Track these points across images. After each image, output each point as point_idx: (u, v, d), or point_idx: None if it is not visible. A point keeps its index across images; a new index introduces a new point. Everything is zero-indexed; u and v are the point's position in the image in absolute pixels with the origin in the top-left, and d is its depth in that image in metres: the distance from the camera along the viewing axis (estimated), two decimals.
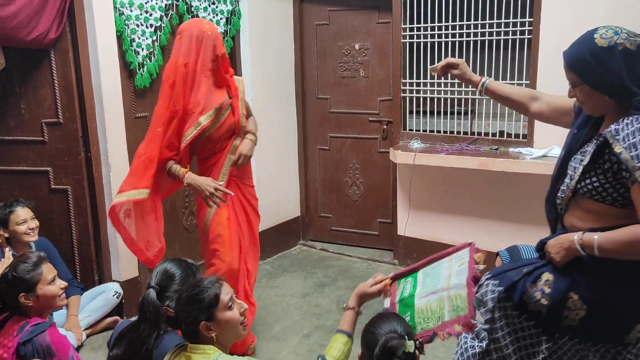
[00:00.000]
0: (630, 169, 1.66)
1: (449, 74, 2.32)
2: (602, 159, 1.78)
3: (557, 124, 2.23)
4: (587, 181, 1.82)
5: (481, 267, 1.87)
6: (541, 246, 2.05)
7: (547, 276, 1.92)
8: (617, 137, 1.70)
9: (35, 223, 3.23)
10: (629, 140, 1.67)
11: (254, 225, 3.17)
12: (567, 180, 1.93)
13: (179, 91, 2.81)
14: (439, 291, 1.90)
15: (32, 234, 3.21)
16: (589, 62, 1.75)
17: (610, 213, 1.81)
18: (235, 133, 3.01)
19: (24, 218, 3.18)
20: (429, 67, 2.57)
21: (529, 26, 3.72)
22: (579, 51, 1.80)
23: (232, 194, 2.92)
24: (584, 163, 1.83)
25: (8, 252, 3.02)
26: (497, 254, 2.31)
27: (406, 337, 1.75)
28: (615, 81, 1.72)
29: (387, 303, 2.06)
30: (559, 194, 1.98)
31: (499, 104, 3.94)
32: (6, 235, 3.16)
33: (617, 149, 1.69)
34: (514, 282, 1.95)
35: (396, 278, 2.14)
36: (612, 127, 1.73)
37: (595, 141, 1.84)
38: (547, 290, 1.90)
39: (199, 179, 2.85)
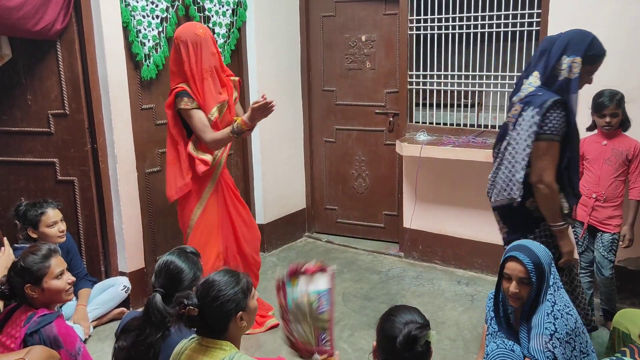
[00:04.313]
0: None
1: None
2: None
3: None
4: None
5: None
6: None
7: None
8: None
9: (64, 225, 3.24)
10: None
11: (242, 212, 3.39)
12: None
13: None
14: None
15: (63, 236, 3.22)
16: None
17: None
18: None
19: (54, 220, 3.17)
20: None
21: (536, 18, 3.69)
22: None
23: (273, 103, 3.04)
24: None
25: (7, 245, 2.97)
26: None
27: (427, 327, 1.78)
28: None
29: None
30: None
31: (505, 97, 3.93)
32: (35, 235, 3.15)
33: None
34: None
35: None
36: None
37: None
38: None
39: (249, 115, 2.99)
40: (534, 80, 2.47)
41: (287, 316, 2.14)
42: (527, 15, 3.73)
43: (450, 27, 4.04)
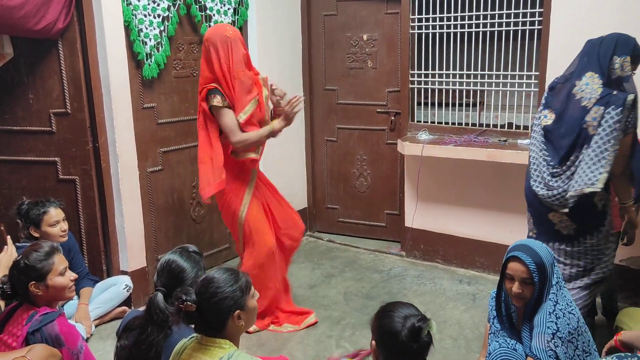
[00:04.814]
0: None
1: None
2: None
3: None
4: None
5: None
6: None
7: None
8: None
9: (66, 224, 3.24)
10: None
11: (282, 200, 3.53)
12: None
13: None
14: None
15: (65, 236, 3.22)
16: None
17: None
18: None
19: (56, 219, 3.17)
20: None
21: (538, 17, 3.68)
22: None
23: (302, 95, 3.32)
24: None
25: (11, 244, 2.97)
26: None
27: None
28: None
29: None
30: None
31: (507, 96, 3.93)
32: (37, 234, 3.14)
33: None
34: None
35: None
36: None
37: None
38: None
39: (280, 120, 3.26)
40: (591, 81, 2.55)
41: None
42: (529, 14, 3.72)
43: (452, 26, 4.03)
